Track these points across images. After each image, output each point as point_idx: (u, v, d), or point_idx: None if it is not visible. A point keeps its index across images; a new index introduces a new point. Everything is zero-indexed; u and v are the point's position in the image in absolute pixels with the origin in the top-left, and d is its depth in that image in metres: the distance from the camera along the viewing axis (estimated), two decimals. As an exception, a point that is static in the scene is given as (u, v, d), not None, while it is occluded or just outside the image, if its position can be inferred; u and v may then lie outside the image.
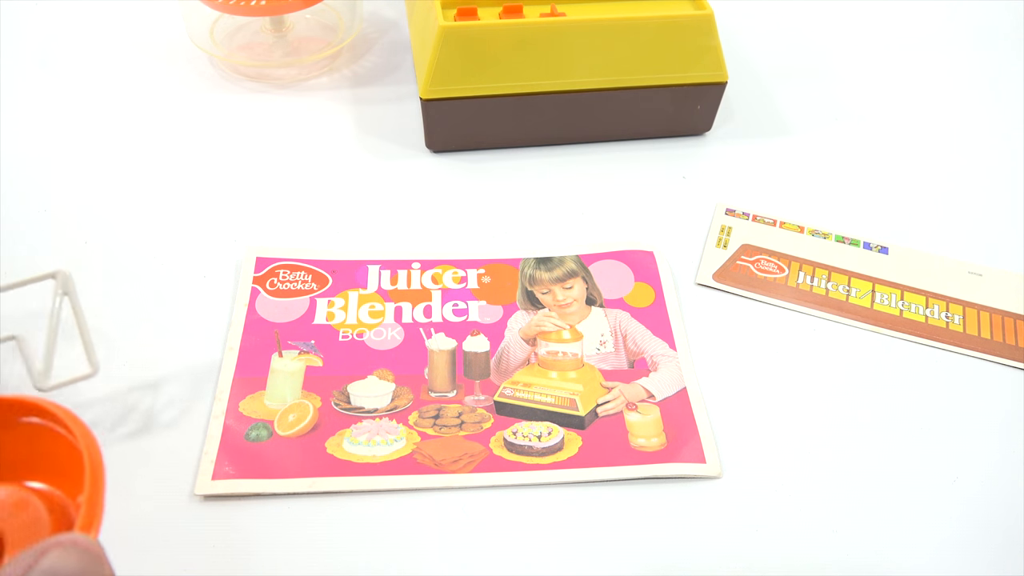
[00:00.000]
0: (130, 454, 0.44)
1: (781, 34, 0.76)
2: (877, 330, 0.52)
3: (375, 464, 0.44)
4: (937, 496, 0.44)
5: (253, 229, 0.56)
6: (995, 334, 0.52)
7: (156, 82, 0.67)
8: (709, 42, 0.59)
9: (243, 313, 0.51)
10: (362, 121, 0.65)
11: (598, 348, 0.50)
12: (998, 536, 0.43)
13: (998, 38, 0.78)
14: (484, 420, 0.47)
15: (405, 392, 0.48)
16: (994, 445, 0.47)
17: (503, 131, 0.62)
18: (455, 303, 0.52)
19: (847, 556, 0.42)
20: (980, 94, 0.71)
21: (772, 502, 0.44)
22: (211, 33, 0.69)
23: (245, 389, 0.47)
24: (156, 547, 0.41)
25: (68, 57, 0.69)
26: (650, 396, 0.48)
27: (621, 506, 0.43)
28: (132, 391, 0.47)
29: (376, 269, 0.54)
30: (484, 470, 0.44)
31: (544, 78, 0.59)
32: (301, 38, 0.70)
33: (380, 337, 0.50)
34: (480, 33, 0.56)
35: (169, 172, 0.60)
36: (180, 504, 0.42)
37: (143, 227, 0.56)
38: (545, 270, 0.54)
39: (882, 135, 0.66)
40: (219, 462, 0.44)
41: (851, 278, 0.55)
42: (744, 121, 0.67)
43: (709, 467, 0.45)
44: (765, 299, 0.53)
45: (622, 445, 0.46)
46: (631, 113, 0.62)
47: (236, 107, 0.66)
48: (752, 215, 0.59)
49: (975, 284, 0.55)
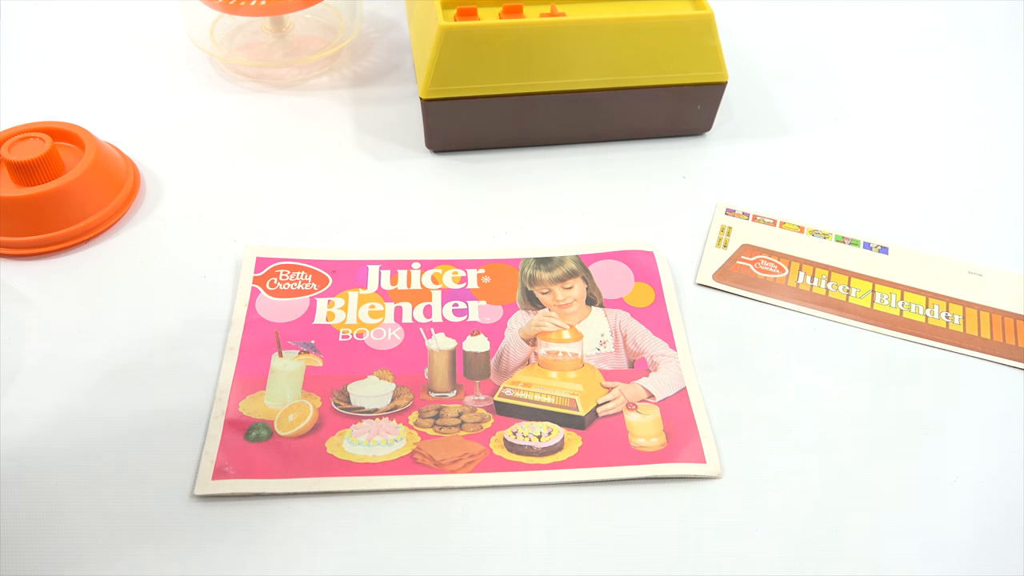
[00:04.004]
0: (130, 454, 0.44)
1: (781, 34, 0.76)
2: (877, 330, 0.52)
3: (375, 464, 0.44)
4: (937, 496, 0.44)
5: (253, 229, 0.56)
6: (995, 334, 0.52)
7: (156, 82, 0.67)
8: (709, 42, 0.59)
9: (243, 313, 0.51)
10: (362, 121, 0.65)
11: (598, 348, 0.50)
12: (998, 536, 0.43)
13: (998, 38, 0.78)
14: (484, 420, 0.47)
15: (405, 392, 0.48)
16: (994, 445, 0.47)
17: (503, 131, 0.62)
18: (455, 303, 0.52)
19: (847, 556, 0.42)
20: (980, 94, 0.71)
21: (772, 502, 0.44)
22: (211, 33, 0.69)
23: (245, 389, 0.47)
24: (156, 547, 0.41)
25: (68, 57, 0.69)
26: (650, 396, 0.48)
27: (621, 506, 0.43)
28: (131, 391, 0.47)
29: (376, 269, 0.54)
30: (484, 470, 0.44)
31: (544, 78, 0.59)
32: (301, 38, 0.70)
33: (380, 337, 0.50)
34: (480, 33, 0.56)
35: (169, 172, 0.60)
36: (180, 504, 0.42)
37: (143, 227, 0.56)
38: (545, 270, 0.54)
39: (882, 135, 0.66)
40: (219, 462, 0.44)
41: (851, 278, 0.55)
42: (744, 121, 0.67)
43: (709, 467, 0.45)
44: (765, 299, 0.53)
45: (622, 445, 0.46)
46: (631, 113, 0.62)
47: (236, 107, 0.66)
48: (752, 215, 0.59)
49: (975, 284, 0.55)
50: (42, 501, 0.42)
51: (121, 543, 0.41)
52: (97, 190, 0.55)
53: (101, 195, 0.55)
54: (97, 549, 0.41)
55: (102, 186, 0.55)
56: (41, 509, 0.42)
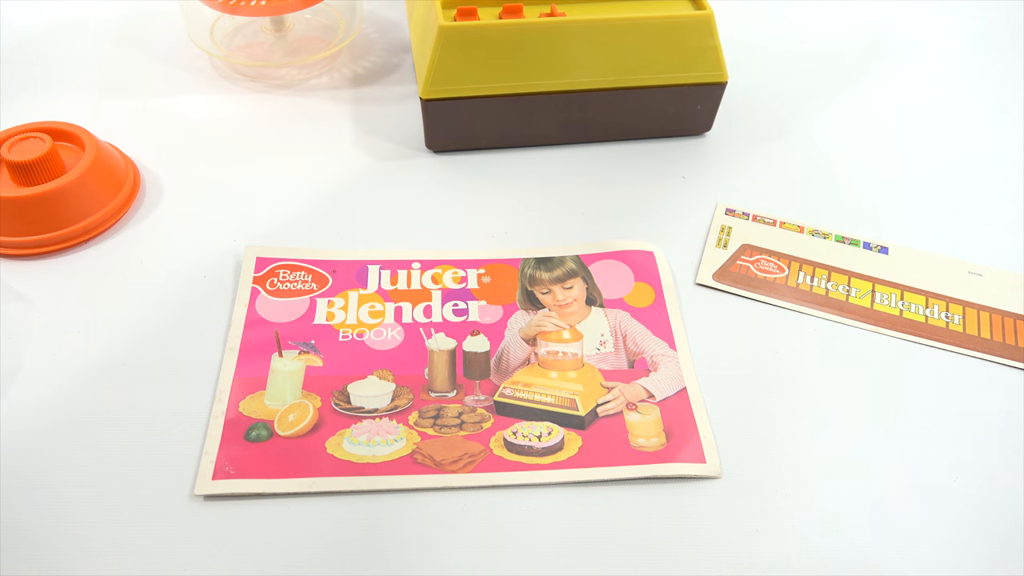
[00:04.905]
0: (130, 454, 0.44)
1: (781, 34, 0.76)
2: (877, 330, 0.52)
3: (375, 464, 0.44)
4: (937, 496, 0.44)
5: (253, 229, 0.56)
6: (995, 334, 0.52)
7: (156, 82, 0.67)
8: (709, 42, 0.59)
9: (243, 313, 0.51)
10: (362, 121, 0.65)
11: (598, 348, 0.50)
12: (997, 536, 0.43)
13: (998, 39, 0.78)
14: (484, 420, 0.47)
15: (405, 392, 0.48)
16: (994, 445, 0.47)
17: (503, 131, 0.62)
18: (455, 303, 0.52)
19: (847, 556, 0.42)
20: (980, 94, 0.71)
21: (772, 502, 0.44)
22: (211, 33, 0.69)
23: (245, 389, 0.47)
24: (156, 547, 0.41)
25: (68, 57, 0.69)
26: (650, 396, 0.48)
27: (621, 506, 0.43)
28: (132, 391, 0.47)
29: (376, 269, 0.54)
30: (484, 470, 0.44)
31: (544, 78, 0.59)
32: (301, 38, 0.70)
33: (380, 337, 0.50)
34: (480, 33, 0.56)
35: (169, 172, 0.60)
36: (180, 504, 0.42)
37: (143, 227, 0.56)
38: (545, 270, 0.54)
39: (882, 135, 0.66)
40: (219, 462, 0.44)
41: (851, 278, 0.55)
42: (744, 121, 0.67)
43: (709, 467, 0.45)
44: (765, 299, 0.53)
45: (622, 445, 0.46)
46: (631, 113, 0.62)
47: (236, 107, 0.66)
48: (752, 215, 0.59)
49: (975, 284, 0.55)
50: (42, 501, 0.42)
51: (121, 543, 0.41)
52: (97, 190, 0.55)
53: (101, 195, 0.55)
54: (97, 549, 0.41)
55: (102, 186, 0.55)
56: (41, 509, 0.42)
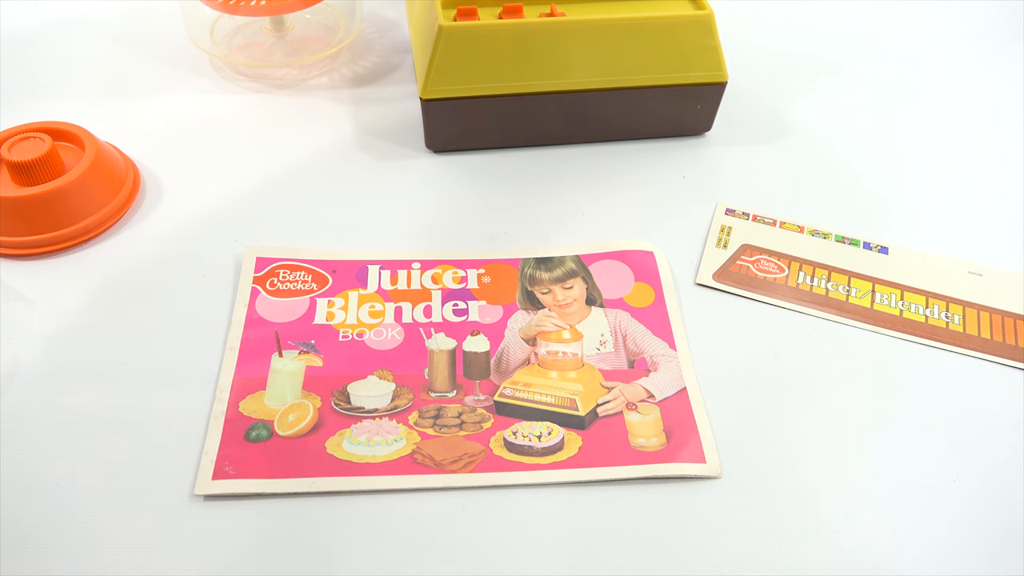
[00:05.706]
0: (130, 454, 0.44)
1: (781, 34, 0.76)
2: (877, 330, 0.52)
3: (375, 464, 0.44)
4: (937, 495, 0.44)
5: (253, 229, 0.56)
6: (995, 334, 0.52)
7: (156, 82, 0.67)
8: (709, 42, 0.59)
9: (243, 313, 0.51)
10: (362, 121, 0.65)
11: (598, 348, 0.50)
12: (997, 535, 0.43)
13: (998, 39, 0.78)
14: (484, 420, 0.47)
15: (405, 392, 0.48)
16: (994, 445, 0.47)
17: (503, 131, 0.62)
18: (455, 303, 0.52)
19: (847, 556, 0.42)
20: (980, 94, 0.71)
21: (772, 502, 0.44)
22: (211, 33, 0.69)
23: (245, 389, 0.47)
24: (156, 547, 0.41)
25: (68, 57, 0.69)
26: (650, 396, 0.48)
27: (621, 506, 0.43)
28: (132, 391, 0.47)
29: (376, 269, 0.54)
30: (484, 470, 0.44)
31: (544, 78, 0.59)
32: (301, 38, 0.70)
33: (380, 337, 0.50)
34: (480, 33, 0.56)
35: (169, 172, 0.60)
36: (180, 504, 0.42)
37: (143, 227, 0.56)
38: (545, 270, 0.54)
39: (882, 135, 0.66)
40: (219, 462, 0.44)
41: (851, 278, 0.55)
42: (744, 121, 0.67)
43: (709, 467, 0.45)
44: (765, 299, 0.53)
45: (622, 445, 0.46)
46: (631, 113, 0.62)
47: (236, 107, 0.66)
48: (752, 215, 0.59)
49: (975, 284, 0.55)
50: (42, 501, 0.42)
51: (121, 543, 0.41)
52: (97, 190, 0.55)
53: (101, 195, 0.55)
54: (97, 549, 0.41)
55: (102, 186, 0.55)
56: (41, 509, 0.42)
